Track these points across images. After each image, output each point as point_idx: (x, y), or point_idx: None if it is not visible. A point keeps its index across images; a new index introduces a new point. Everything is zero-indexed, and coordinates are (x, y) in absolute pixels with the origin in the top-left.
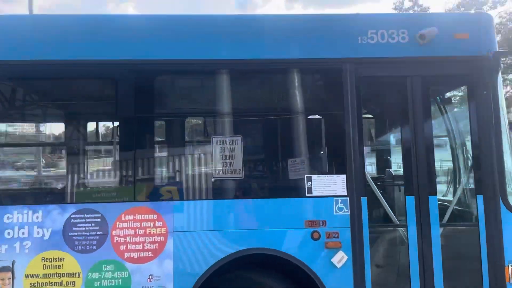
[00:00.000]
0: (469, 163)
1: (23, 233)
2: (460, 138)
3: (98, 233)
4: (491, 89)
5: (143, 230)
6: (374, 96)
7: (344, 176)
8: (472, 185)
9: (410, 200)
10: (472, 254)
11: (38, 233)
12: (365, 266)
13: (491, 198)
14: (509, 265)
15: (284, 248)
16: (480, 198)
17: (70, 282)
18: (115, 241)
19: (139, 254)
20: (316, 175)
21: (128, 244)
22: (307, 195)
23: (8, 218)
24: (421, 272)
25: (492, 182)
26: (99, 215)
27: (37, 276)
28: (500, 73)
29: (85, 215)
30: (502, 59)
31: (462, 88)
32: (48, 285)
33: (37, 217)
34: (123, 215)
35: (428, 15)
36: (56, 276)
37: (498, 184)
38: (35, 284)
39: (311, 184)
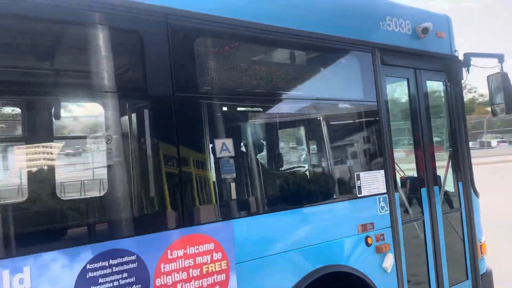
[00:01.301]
0: (449, 153)
1: None
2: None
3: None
4: (458, 84)
5: (199, 270)
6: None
7: (383, 171)
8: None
9: (424, 192)
10: (458, 235)
11: None
12: (403, 264)
13: (468, 185)
14: (479, 242)
15: (345, 261)
16: (460, 185)
17: None
18: None
19: None
20: (363, 172)
21: None
22: (358, 195)
23: None
24: (435, 256)
25: (466, 170)
26: (133, 258)
27: None
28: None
29: (111, 261)
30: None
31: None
32: None
33: (20, 280)
34: (168, 251)
35: (421, 10)
36: None
37: (470, 172)
38: None
39: (360, 183)
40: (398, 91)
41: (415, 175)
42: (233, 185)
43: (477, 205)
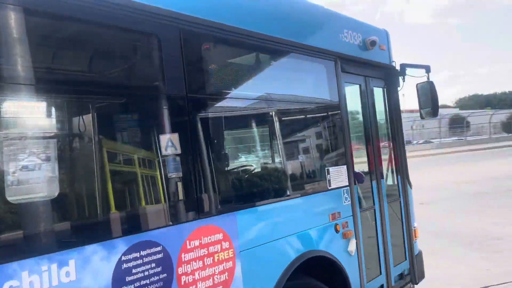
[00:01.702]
0: (389, 150)
1: None
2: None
3: (161, 276)
4: (395, 90)
5: (211, 258)
6: None
7: (345, 167)
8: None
9: (374, 185)
10: (399, 221)
11: None
12: (361, 248)
13: (405, 178)
14: (414, 227)
15: (322, 247)
16: (399, 178)
17: None
18: (182, 284)
19: None
20: (332, 167)
21: (198, 283)
22: (329, 188)
23: None
24: (383, 240)
25: (403, 165)
26: (160, 248)
27: None
28: (403, 80)
29: (142, 253)
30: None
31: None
32: None
33: (67, 273)
34: (187, 242)
35: (368, 24)
36: None
37: (406, 166)
38: None
39: (330, 177)
40: (352, 95)
41: (367, 170)
42: (236, 180)
43: (411, 195)
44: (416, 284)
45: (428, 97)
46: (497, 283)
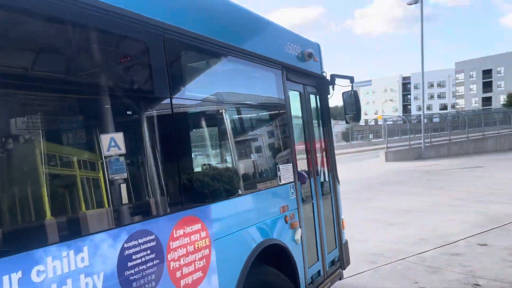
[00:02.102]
0: (322, 150)
1: None
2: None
3: (155, 262)
4: (325, 98)
5: (193, 246)
6: None
7: (291, 164)
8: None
9: (312, 181)
10: (331, 214)
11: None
12: (304, 237)
13: (335, 175)
14: (342, 219)
15: (276, 236)
16: (330, 176)
17: None
18: (171, 269)
19: (193, 277)
20: (281, 165)
21: (183, 268)
22: (279, 183)
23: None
24: (320, 230)
25: (333, 164)
26: (153, 237)
27: None
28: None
29: (139, 241)
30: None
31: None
32: None
33: (82, 259)
34: (174, 231)
35: (305, 38)
36: None
37: (335, 165)
38: None
39: (280, 173)
40: (293, 101)
41: (306, 168)
42: (208, 177)
43: (339, 190)
44: (344, 269)
45: (352, 104)
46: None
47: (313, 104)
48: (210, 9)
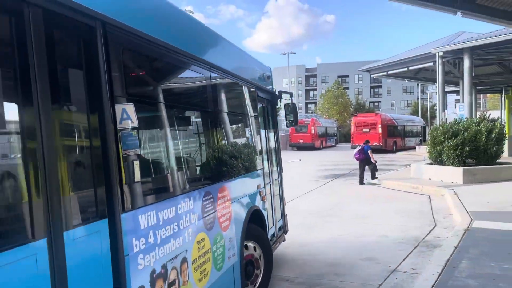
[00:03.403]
0: (275, 145)
1: (189, 221)
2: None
3: (214, 210)
4: (274, 108)
5: (225, 205)
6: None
7: (261, 156)
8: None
9: (268, 169)
10: (278, 192)
11: (193, 219)
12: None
13: (280, 166)
14: (284, 198)
15: (257, 204)
16: (279, 164)
17: (207, 258)
18: (218, 216)
19: (226, 223)
20: (257, 156)
21: (222, 217)
22: (257, 169)
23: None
24: (274, 204)
25: (279, 159)
26: (211, 196)
27: (196, 260)
28: (280, 101)
29: (208, 197)
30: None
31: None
32: (201, 266)
33: (191, 204)
34: (219, 193)
35: (264, 64)
36: (203, 256)
37: (280, 158)
38: (196, 268)
39: (256, 162)
40: (259, 111)
41: (267, 158)
42: (229, 162)
43: (282, 176)
44: (286, 234)
45: (291, 113)
46: None
47: (269, 113)
48: (224, 50)
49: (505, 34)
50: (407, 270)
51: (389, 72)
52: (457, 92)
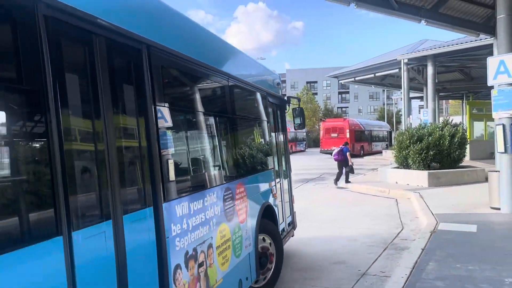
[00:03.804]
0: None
1: (213, 212)
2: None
3: (233, 204)
4: (284, 113)
5: (242, 200)
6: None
7: (272, 157)
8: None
9: (279, 168)
10: (287, 190)
11: (217, 211)
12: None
13: (288, 167)
14: (293, 195)
15: (269, 200)
16: (288, 164)
17: (228, 245)
18: (236, 209)
19: (243, 216)
20: (269, 157)
21: (239, 211)
22: (269, 168)
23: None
24: (284, 201)
25: (288, 159)
26: (231, 192)
27: (219, 247)
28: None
29: (228, 193)
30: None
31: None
32: (223, 252)
33: (215, 198)
34: (237, 189)
35: (274, 73)
36: (224, 244)
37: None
38: (219, 253)
39: (269, 162)
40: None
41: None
42: (248, 162)
43: (291, 176)
44: (295, 229)
45: (299, 117)
46: None
47: (279, 117)
48: (242, 62)
49: (466, 42)
50: (377, 273)
51: (356, 78)
52: (421, 98)
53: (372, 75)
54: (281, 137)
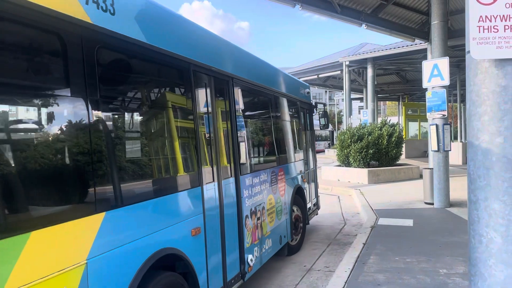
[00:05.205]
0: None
1: (265, 186)
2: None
3: (276, 183)
4: (312, 115)
5: (282, 180)
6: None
7: (303, 150)
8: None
9: (309, 160)
10: (314, 177)
11: (266, 186)
12: (308, 190)
13: (315, 160)
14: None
15: (301, 183)
16: (314, 158)
17: (273, 210)
18: (279, 186)
19: (282, 192)
20: (300, 150)
21: (280, 188)
22: (301, 159)
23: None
24: (312, 186)
25: (314, 155)
26: (275, 173)
27: (268, 210)
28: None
29: (273, 174)
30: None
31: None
32: (270, 214)
33: (266, 176)
34: (279, 172)
35: (304, 83)
36: (271, 208)
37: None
38: (268, 215)
39: (301, 154)
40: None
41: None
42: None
43: (317, 166)
44: (319, 209)
45: (324, 118)
46: None
47: (308, 119)
48: (283, 80)
49: (402, 46)
50: (321, 268)
51: (301, 79)
52: (361, 99)
53: (316, 76)
54: (309, 135)
